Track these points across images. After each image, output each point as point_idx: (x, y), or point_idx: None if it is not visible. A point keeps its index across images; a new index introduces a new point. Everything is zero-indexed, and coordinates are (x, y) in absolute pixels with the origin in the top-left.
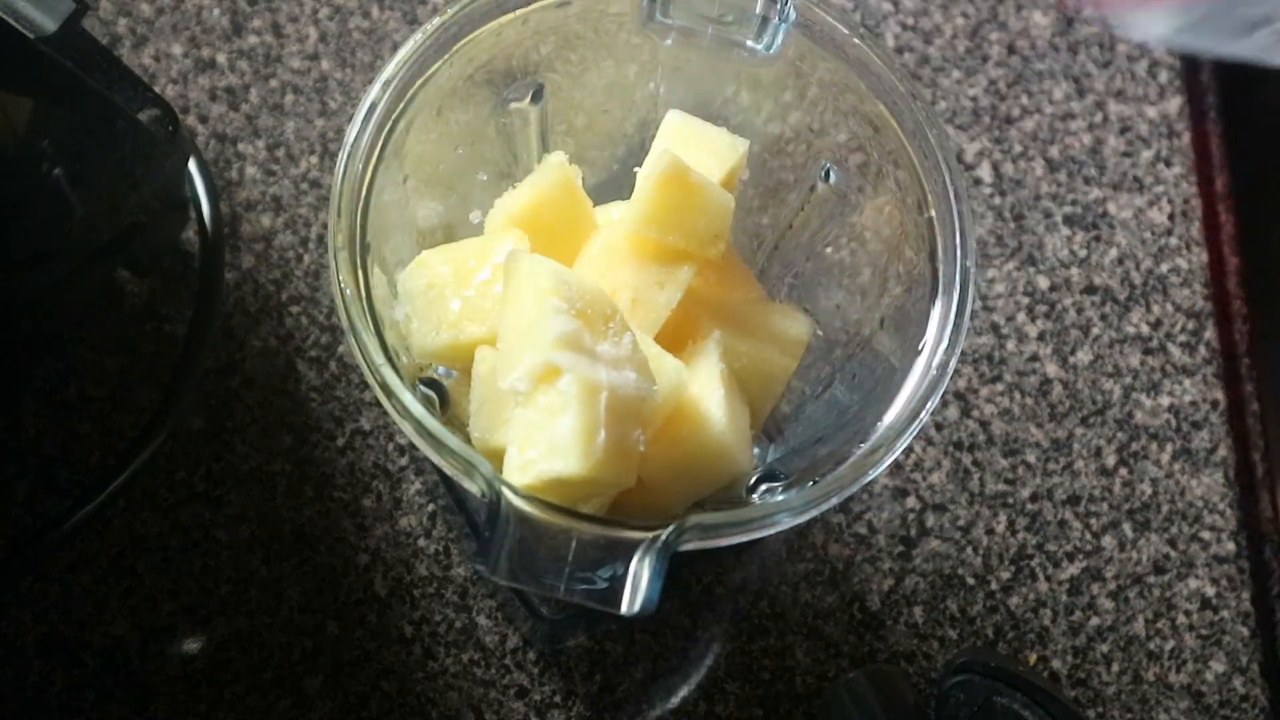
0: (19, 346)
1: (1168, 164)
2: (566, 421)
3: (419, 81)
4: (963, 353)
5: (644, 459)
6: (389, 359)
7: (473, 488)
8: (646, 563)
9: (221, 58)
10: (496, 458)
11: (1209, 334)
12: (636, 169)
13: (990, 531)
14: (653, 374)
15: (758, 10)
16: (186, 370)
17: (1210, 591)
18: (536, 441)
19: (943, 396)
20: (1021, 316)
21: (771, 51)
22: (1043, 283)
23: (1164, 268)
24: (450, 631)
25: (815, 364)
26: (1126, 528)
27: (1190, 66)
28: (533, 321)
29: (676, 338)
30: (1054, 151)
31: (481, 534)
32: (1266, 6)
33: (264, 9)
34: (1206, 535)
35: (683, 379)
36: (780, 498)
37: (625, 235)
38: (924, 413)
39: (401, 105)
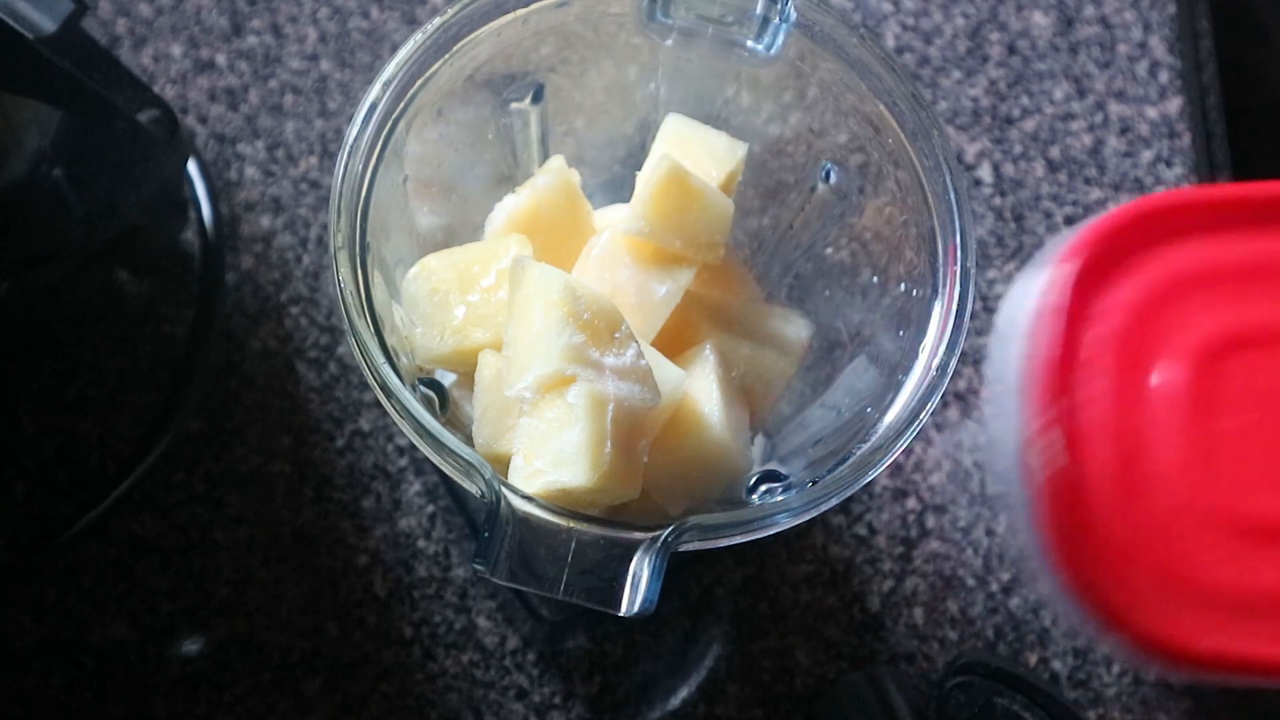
0: (18, 347)
1: (1169, 165)
2: (575, 434)
3: (419, 82)
4: (963, 353)
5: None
6: (389, 359)
7: (472, 488)
8: (646, 563)
9: (221, 58)
10: (500, 464)
11: None
12: (636, 171)
13: (990, 532)
14: (656, 385)
15: (758, 11)
16: (189, 372)
17: None
18: (543, 452)
19: (943, 397)
20: None
21: (772, 52)
22: None
23: None
24: (450, 633)
25: (815, 365)
26: None
27: (1191, 67)
28: (540, 332)
29: (675, 341)
30: (1054, 152)
31: (481, 534)
32: None
33: (263, 9)
34: None
35: (684, 386)
36: (780, 498)
37: (624, 239)
38: (924, 413)
39: (401, 105)
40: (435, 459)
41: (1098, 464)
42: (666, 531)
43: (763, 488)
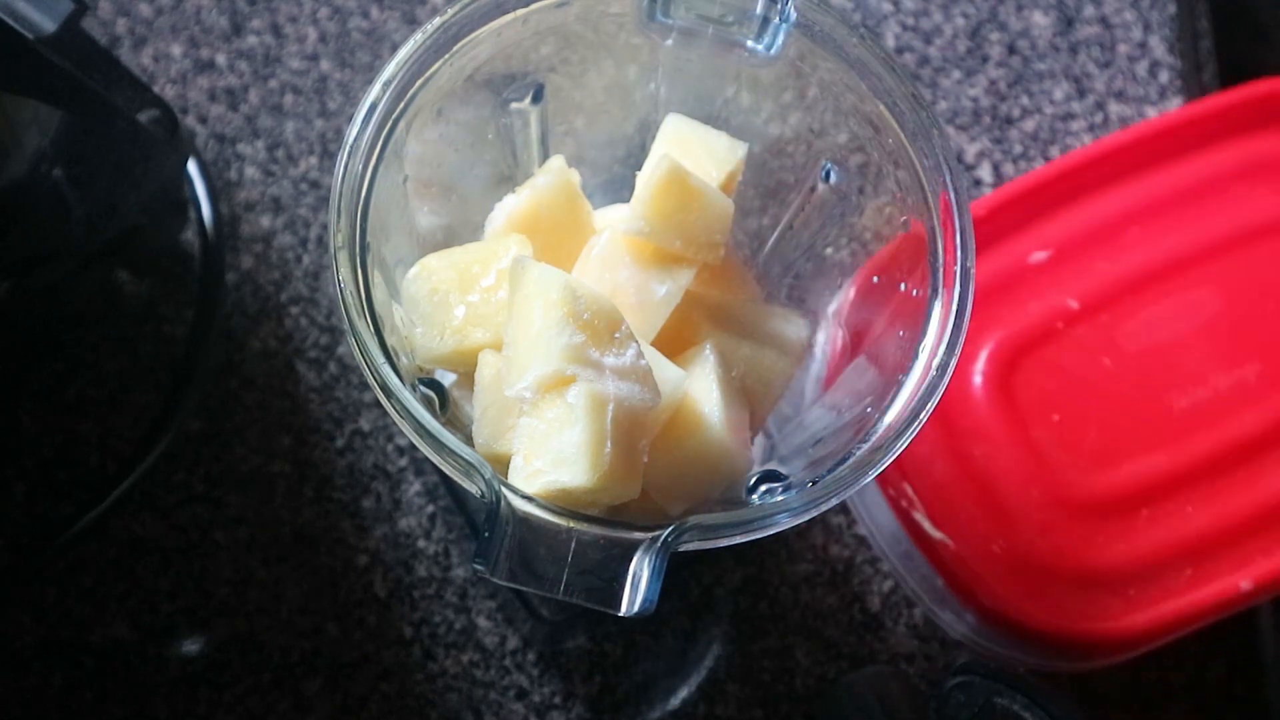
0: (18, 347)
1: None
2: (574, 434)
3: (419, 82)
4: None
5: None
6: (389, 359)
7: (472, 488)
8: (646, 563)
9: (221, 58)
10: (500, 464)
11: None
12: (636, 171)
13: None
14: (656, 385)
15: (758, 11)
16: (189, 372)
17: None
18: (543, 452)
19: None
20: None
21: (772, 52)
22: None
23: None
24: (450, 633)
25: (815, 364)
26: None
27: (1191, 67)
28: (540, 332)
29: (675, 340)
30: (1054, 152)
31: (481, 534)
32: None
33: (263, 9)
34: None
35: (684, 386)
36: (780, 498)
37: (624, 239)
38: (924, 413)
39: (401, 105)
40: (435, 459)
41: (961, 511)
42: (666, 531)
43: (763, 488)
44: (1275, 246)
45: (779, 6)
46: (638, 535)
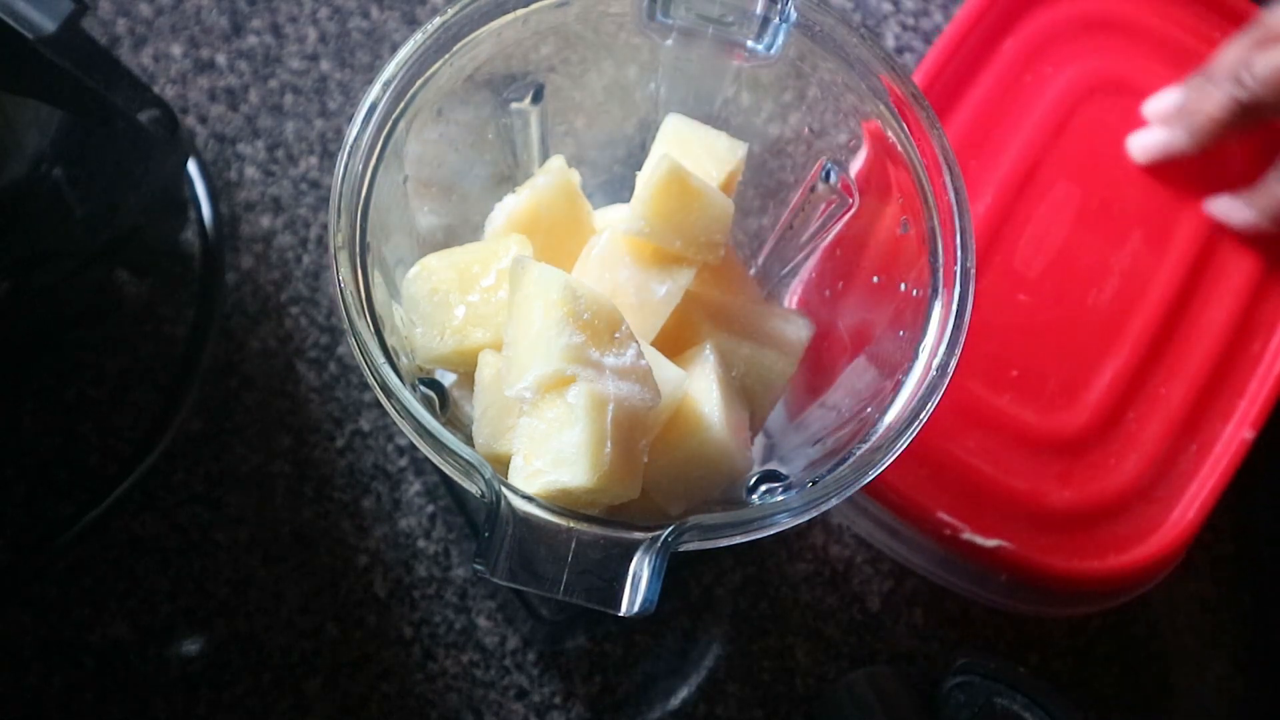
0: (18, 347)
1: None
2: (575, 434)
3: (419, 82)
4: None
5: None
6: (389, 359)
7: (472, 488)
8: (646, 563)
9: (221, 58)
10: (501, 463)
11: None
12: (636, 171)
13: None
14: (656, 385)
15: (758, 11)
16: (189, 372)
17: (1211, 593)
18: (543, 452)
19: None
20: None
21: (772, 52)
22: None
23: None
24: (450, 633)
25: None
26: None
27: None
28: (540, 332)
29: (675, 340)
30: None
31: (481, 534)
32: None
33: (263, 9)
34: (1207, 536)
35: (684, 386)
36: (780, 498)
37: (624, 239)
38: (924, 413)
39: (401, 105)
40: (435, 459)
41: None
42: (666, 531)
43: (763, 488)
44: (1091, 110)
45: (779, 6)
46: (638, 535)
